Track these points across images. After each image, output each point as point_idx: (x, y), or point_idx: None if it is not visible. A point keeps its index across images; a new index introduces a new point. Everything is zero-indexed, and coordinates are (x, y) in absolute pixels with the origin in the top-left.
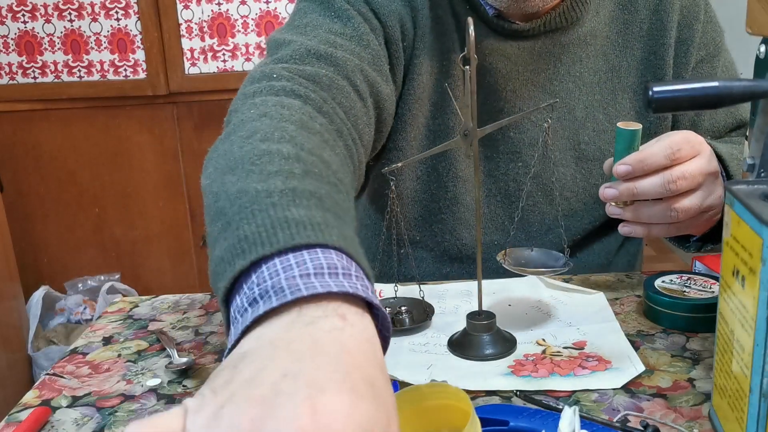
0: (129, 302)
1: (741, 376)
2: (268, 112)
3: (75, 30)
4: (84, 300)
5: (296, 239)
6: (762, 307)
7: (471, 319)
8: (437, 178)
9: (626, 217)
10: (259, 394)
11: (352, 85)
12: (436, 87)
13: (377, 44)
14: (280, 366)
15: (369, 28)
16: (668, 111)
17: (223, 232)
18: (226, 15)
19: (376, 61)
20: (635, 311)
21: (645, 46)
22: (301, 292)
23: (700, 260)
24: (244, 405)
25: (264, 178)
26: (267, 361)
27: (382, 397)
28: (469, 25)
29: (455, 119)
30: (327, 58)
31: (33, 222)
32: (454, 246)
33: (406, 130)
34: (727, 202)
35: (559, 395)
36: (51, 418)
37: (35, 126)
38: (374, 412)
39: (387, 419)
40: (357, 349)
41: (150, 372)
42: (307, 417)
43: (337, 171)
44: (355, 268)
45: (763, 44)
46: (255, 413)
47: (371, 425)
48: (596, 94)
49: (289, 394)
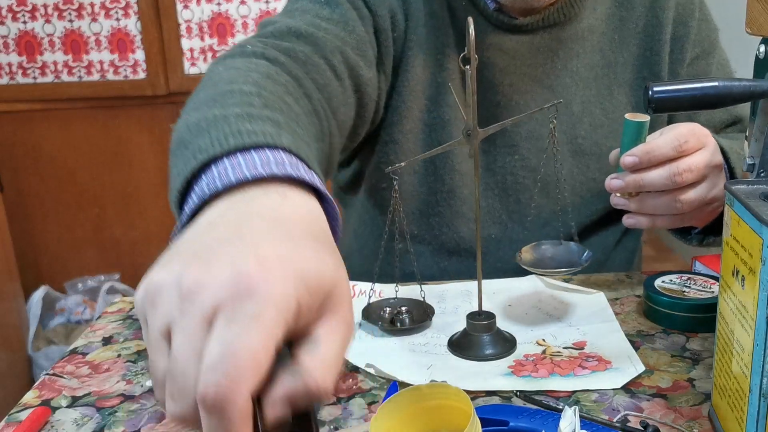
0: (129, 302)
1: (741, 376)
2: (236, 67)
3: (75, 30)
4: (84, 300)
5: (246, 141)
6: (762, 307)
7: (471, 319)
8: (434, 172)
9: (631, 208)
10: (203, 250)
11: (329, 64)
12: (432, 81)
13: (363, 31)
14: (221, 231)
15: (357, 15)
16: (668, 111)
17: (179, 153)
18: (226, 15)
19: (361, 46)
20: (635, 311)
21: (641, 43)
22: (246, 176)
23: (700, 260)
24: (189, 257)
25: (223, 108)
26: (209, 229)
27: (327, 247)
28: (469, 24)
29: (451, 112)
30: (306, 37)
31: (33, 222)
32: (452, 239)
33: (402, 123)
34: (727, 202)
35: (559, 395)
36: (51, 418)
37: (35, 126)
38: (319, 257)
39: (335, 265)
40: (297, 216)
41: (150, 372)
42: (252, 264)
43: (300, 115)
44: (305, 166)
45: (763, 44)
46: (199, 265)
47: (317, 268)
48: (593, 90)
49: (233, 247)
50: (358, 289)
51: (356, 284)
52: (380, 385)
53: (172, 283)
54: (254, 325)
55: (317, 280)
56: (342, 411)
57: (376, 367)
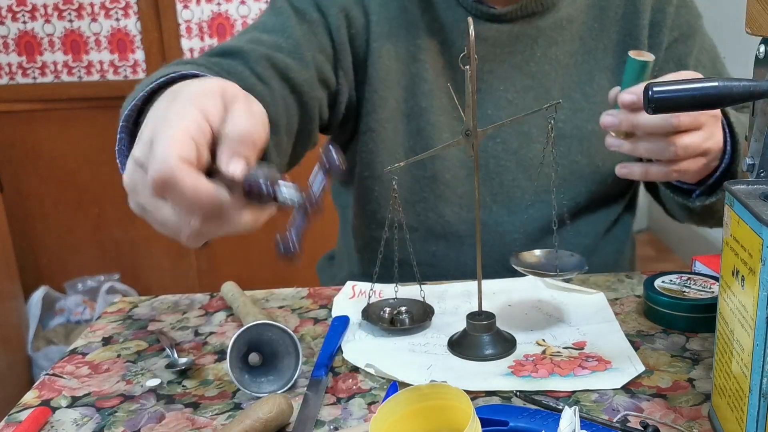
0: (128, 302)
1: (741, 376)
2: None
3: (75, 30)
4: (84, 300)
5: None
6: (762, 307)
7: (471, 319)
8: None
9: (624, 150)
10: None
11: (253, 71)
12: (406, 71)
13: (301, 35)
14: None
15: (296, 21)
16: (668, 111)
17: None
18: (226, 15)
19: (297, 49)
20: (635, 311)
21: (620, 29)
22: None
23: (700, 260)
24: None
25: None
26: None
27: (209, 83)
28: (469, 25)
29: (427, 101)
30: (234, 53)
31: (33, 222)
32: (438, 224)
33: (376, 112)
34: (727, 203)
35: (559, 395)
36: (51, 419)
37: (35, 126)
38: (205, 87)
39: (218, 86)
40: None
41: (149, 372)
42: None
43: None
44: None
45: (763, 44)
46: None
47: (204, 90)
48: (573, 76)
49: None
50: (358, 289)
51: (356, 284)
52: (380, 385)
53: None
54: (164, 130)
55: (211, 93)
56: (342, 411)
57: (376, 367)
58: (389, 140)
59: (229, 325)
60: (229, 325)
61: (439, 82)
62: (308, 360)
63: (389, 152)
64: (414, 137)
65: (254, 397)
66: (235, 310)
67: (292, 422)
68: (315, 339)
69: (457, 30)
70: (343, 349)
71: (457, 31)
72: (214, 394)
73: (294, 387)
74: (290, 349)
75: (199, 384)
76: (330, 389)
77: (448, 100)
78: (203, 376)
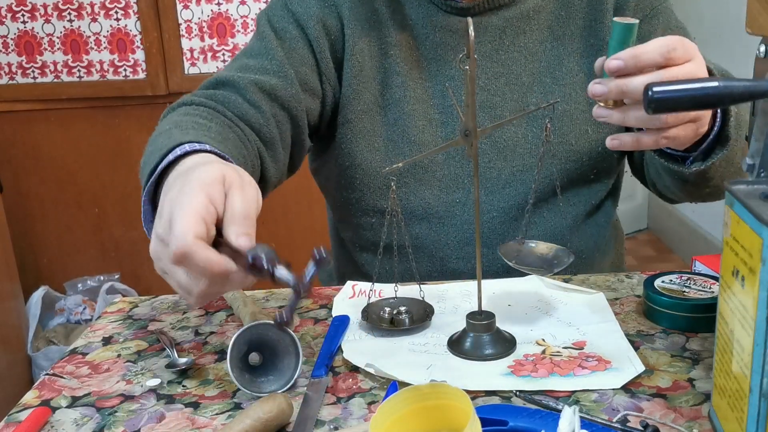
0: (129, 302)
1: (741, 376)
2: (173, 117)
3: (74, 30)
4: (83, 300)
5: (170, 143)
6: (762, 307)
7: (471, 319)
8: (393, 147)
9: (613, 120)
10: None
11: (244, 98)
12: (380, 66)
13: (283, 54)
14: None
15: (277, 44)
16: (668, 111)
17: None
18: (226, 15)
19: (281, 68)
20: (635, 311)
21: (586, 15)
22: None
23: (700, 260)
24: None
25: (160, 135)
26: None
27: (215, 167)
28: (468, 25)
29: (401, 92)
30: (225, 83)
31: (33, 222)
32: (419, 206)
33: (351, 104)
34: (727, 203)
35: (558, 395)
36: (51, 419)
37: (35, 126)
38: (210, 172)
39: (220, 171)
40: (197, 168)
41: (150, 372)
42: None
43: (211, 127)
44: (198, 145)
45: (763, 44)
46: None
47: (211, 177)
48: (542, 62)
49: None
50: (358, 289)
51: (356, 284)
52: (380, 385)
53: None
54: (179, 212)
55: (215, 181)
56: (342, 411)
57: (376, 367)
58: (366, 130)
59: (229, 325)
60: (229, 325)
61: (412, 74)
62: (308, 360)
63: (367, 141)
64: (391, 126)
65: (254, 397)
66: (235, 310)
67: (292, 422)
68: (315, 339)
69: (428, 24)
70: (343, 348)
71: (427, 26)
72: (214, 394)
73: (294, 387)
74: (290, 348)
75: (199, 384)
76: (330, 389)
77: (422, 91)
78: (203, 376)
